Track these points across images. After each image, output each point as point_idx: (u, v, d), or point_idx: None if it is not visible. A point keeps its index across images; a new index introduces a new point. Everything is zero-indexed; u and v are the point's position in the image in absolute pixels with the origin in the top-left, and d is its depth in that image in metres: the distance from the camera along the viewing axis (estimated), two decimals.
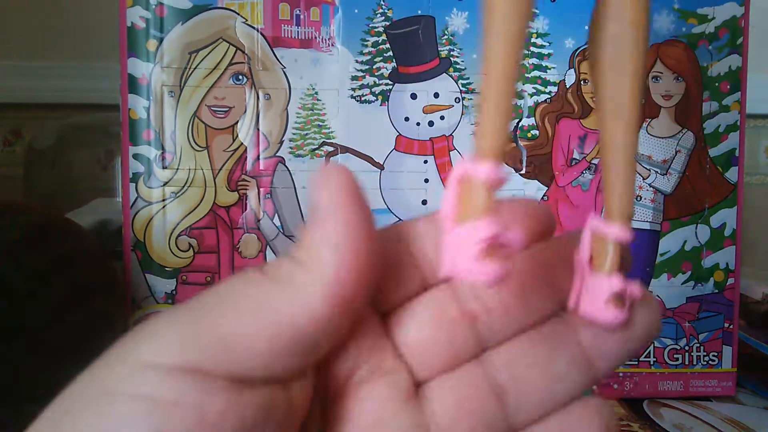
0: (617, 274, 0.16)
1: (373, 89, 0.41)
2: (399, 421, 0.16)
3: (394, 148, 0.41)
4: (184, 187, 0.40)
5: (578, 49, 0.41)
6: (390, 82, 0.41)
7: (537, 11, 0.42)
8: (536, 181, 0.42)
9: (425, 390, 0.17)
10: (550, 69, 0.42)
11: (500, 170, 0.15)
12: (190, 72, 0.40)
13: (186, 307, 0.15)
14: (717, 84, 0.43)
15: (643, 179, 0.43)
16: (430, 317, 0.18)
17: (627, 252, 0.17)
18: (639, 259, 0.43)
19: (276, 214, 0.41)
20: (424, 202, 0.42)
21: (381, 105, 0.41)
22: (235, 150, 0.40)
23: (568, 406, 0.17)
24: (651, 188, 0.43)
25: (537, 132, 0.42)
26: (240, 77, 0.40)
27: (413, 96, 0.41)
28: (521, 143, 0.42)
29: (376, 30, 0.41)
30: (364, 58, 0.41)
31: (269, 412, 0.14)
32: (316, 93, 0.41)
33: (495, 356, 0.18)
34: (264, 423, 0.14)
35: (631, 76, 0.16)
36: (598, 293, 0.16)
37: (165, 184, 0.40)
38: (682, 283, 0.43)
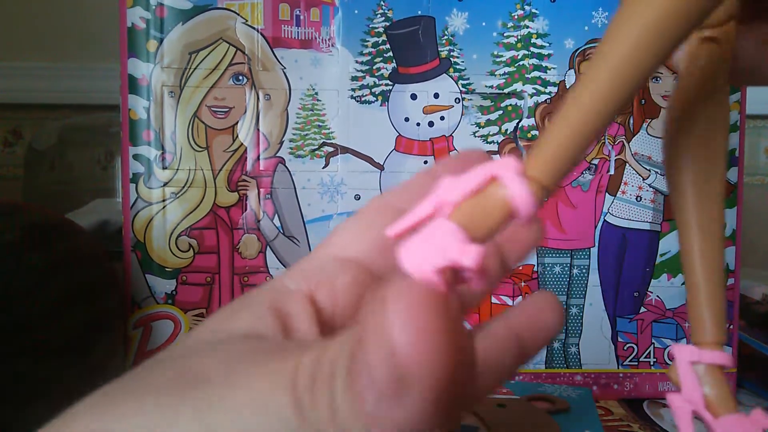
0: (757, 410, 0.15)
1: (373, 90, 0.41)
2: None
3: (394, 149, 0.41)
4: (184, 187, 0.40)
5: (578, 49, 0.41)
6: (390, 83, 0.41)
7: (537, 11, 0.42)
8: None
9: None
10: (550, 69, 0.42)
11: (535, 202, 0.13)
12: (190, 72, 0.40)
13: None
14: None
15: (643, 179, 0.43)
16: None
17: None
18: (639, 259, 0.43)
19: (276, 215, 0.41)
20: None
21: (381, 105, 0.41)
22: (235, 150, 0.41)
23: None
24: (651, 188, 0.43)
25: (537, 132, 0.42)
26: (240, 77, 0.40)
27: (413, 96, 0.41)
28: (521, 143, 0.42)
29: (376, 30, 0.41)
30: (364, 59, 0.41)
31: None
32: (316, 93, 0.41)
33: None
34: None
35: (719, 196, 0.16)
36: None
37: (165, 184, 0.40)
38: (682, 284, 0.43)
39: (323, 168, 0.41)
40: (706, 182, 0.16)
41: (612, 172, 0.43)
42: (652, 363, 0.43)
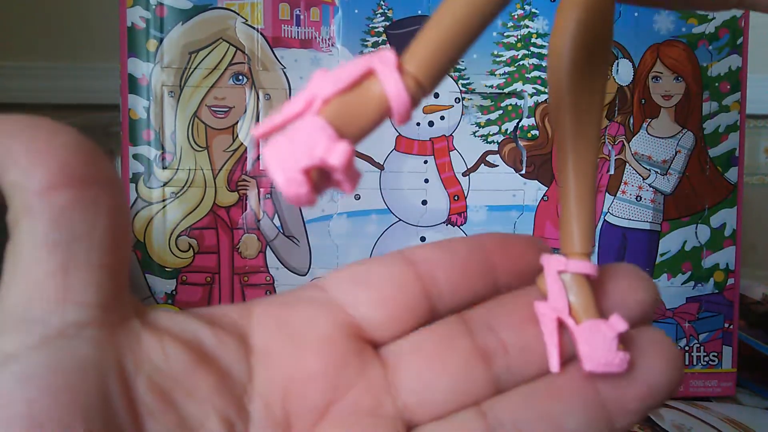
0: (614, 315, 0.15)
1: None
2: None
3: (394, 149, 0.41)
4: (184, 187, 0.40)
5: None
6: None
7: (537, 11, 0.42)
8: (536, 181, 0.42)
9: None
10: None
11: (409, 99, 0.12)
12: (190, 72, 0.40)
13: None
14: (717, 84, 0.43)
15: (643, 179, 0.43)
16: (437, 353, 0.16)
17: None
18: (639, 259, 0.43)
19: (276, 214, 0.41)
20: (424, 203, 0.42)
21: None
22: (235, 150, 0.40)
23: None
24: (651, 188, 0.43)
25: (537, 132, 0.42)
26: (240, 77, 0.40)
27: None
28: (521, 143, 0.42)
29: (376, 30, 0.41)
30: None
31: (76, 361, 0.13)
32: None
33: (499, 407, 0.16)
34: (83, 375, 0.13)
35: (596, 117, 0.16)
36: (601, 341, 0.15)
37: (165, 184, 0.40)
38: (682, 284, 0.43)
39: None
40: (584, 102, 0.16)
41: (612, 171, 0.43)
42: None
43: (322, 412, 0.15)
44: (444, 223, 0.42)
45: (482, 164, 0.42)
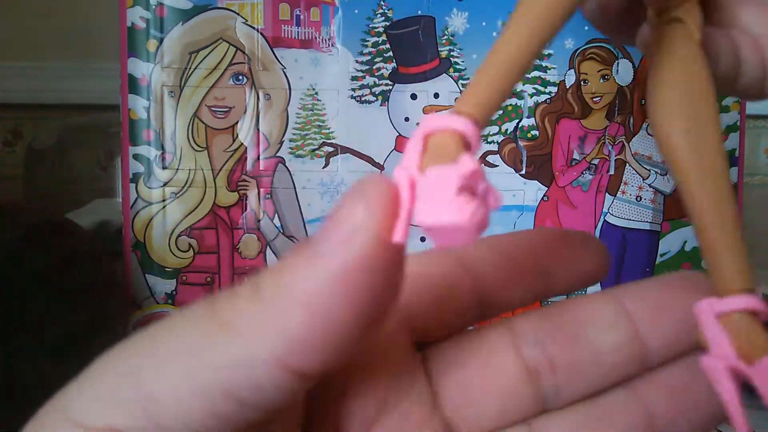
0: None
1: (373, 89, 0.41)
2: None
3: (395, 149, 0.41)
4: (184, 187, 0.40)
5: (578, 49, 0.41)
6: (390, 83, 0.41)
7: None
8: (536, 181, 0.42)
9: None
10: (550, 69, 0.42)
11: (477, 130, 0.12)
12: (190, 72, 0.40)
13: (127, 348, 0.13)
14: None
15: (643, 179, 0.43)
16: (483, 365, 0.15)
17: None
18: (639, 259, 0.43)
19: (276, 215, 0.41)
20: None
21: (381, 105, 0.41)
22: (235, 150, 0.41)
23: None
24: (651, 188, 0.43)
25: (537, 132, 0.42)
26: (240, 77, 0.40)
27: (413, 96, 0.41)
28: (521, 143, 0.42)
29: (376, 30, 0.41)
30: (364, 59, 0.41)
31: None
32: (316, 93, 0.41)
33: (550, 427, 0.15)
34: None
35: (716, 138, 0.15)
36: None
37: (165, 184, 0.40)
38: None
39: (323, 168, 0.41)
40: (698, 131, 0.15)
41: (612, 172, 0.43)
42: None
43: (370, 424, 0.15)
44: None
45: (482, 164, 0.42)
